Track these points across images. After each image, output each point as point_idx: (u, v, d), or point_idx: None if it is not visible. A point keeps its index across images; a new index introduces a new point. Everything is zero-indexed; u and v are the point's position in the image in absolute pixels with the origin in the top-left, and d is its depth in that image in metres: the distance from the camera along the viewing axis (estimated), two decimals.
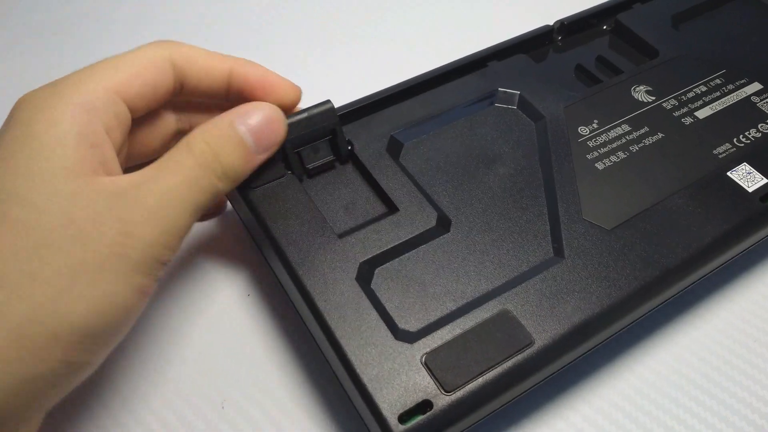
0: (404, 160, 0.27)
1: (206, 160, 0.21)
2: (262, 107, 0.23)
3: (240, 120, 0.22)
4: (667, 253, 0.24)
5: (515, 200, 0.25)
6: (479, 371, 0.20)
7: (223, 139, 0.22)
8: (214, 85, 0.24)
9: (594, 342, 0.22)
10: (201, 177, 0.21)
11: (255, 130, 0.22)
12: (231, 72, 0.24)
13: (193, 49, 0.23)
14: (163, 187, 0.20)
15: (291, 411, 0.24)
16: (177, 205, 0.20)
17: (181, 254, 0.29)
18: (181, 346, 0.26)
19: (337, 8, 0.42)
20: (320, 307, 0.22)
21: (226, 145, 0.22)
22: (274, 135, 0.23)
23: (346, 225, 0.25)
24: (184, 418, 0.24)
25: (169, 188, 0.20)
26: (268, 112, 0.23)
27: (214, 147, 0.21)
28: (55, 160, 0.19)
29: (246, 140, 0.22)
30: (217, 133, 0.22)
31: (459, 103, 0.29)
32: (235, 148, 0.22)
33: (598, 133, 0.28)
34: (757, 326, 0.27)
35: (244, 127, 0.22)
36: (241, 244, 0.29)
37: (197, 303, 0.27)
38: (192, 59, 0.23)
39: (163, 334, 0.26)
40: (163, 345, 0.26)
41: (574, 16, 0.33)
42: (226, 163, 0.22)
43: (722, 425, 0.24)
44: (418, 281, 0.23)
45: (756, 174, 0.26)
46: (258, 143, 0.23)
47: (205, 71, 0.23)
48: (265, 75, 0.24)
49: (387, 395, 0.20)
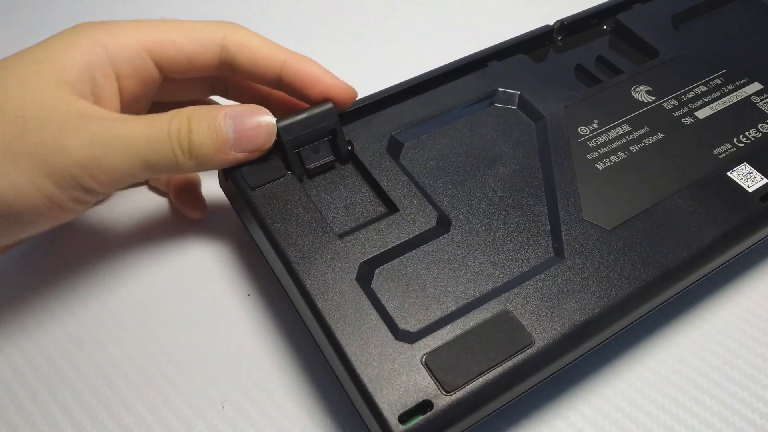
0: (404, 160, 0.27)
1: (179, 130, 0.22)
2: (260, 113, 0.24)
3: (233, 113, 0.23)
4: (667, 253, 0.24)
5: (515, 200, 0.25)
6: (479, 371, 0.20)
7: (205, 121, 0.23)
8: (265, 74, 0.25)
9: (594, 342, 0.22)
10: (163, 141, 0.22)
11: (240, 128, 0.23)
12: (283, 65, 0.25)
13: (250, 37, 0.25)
14: (123, 131, 0.21)
15: (291, 411, 0.24)
16: (125, 152, 0.21)
17: (182, 254, 0.29)
18: (181, 346, 0.26)
19: (336, 9, 0.42)
20: (320, 308, 0.22)
21: (203, 127, 0.22)
22: (258, 141, 0.24)
23: (347, 225, 0.25)
24: (184, 418, 0.24)
25: (129, 135, 0.21)
26: (262, 118, 0.24)
27: (193, 124, 0.22)
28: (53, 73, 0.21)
29: (225, 132, 0.23)
30: (203, 114, 0.23)
31: (459, 103, 0.29)
32: (212, 134, 0.23)
33: (598, 133, 0.28)
34: (757, 326, 0.27)
35: (231, 121, 0.23)
36: (241, 244, 0.29)
37: (197, 303, 0.27)
38: (245, 46, 0.25)
39: (163, 333, 0.26)
40: (164, 345, 0.26)
41: (574, 16, 0.33)
42: (196, 141, 0.22)
43: (722, 425, 0.24)
44: (419, 281, 0.23)
45: (756, 174, 0.26)
46: (238, 141, 0.23)
47: (256, 60, 0.25)
48: (319, 74, 0.25)
49: (387, 395, 0.20)
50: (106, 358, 0.25)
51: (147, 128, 0.22)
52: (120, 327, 0.26)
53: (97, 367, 0.25)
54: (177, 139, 0.22)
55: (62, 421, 0.24)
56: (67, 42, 0.22)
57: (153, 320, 0.26)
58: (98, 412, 0.24)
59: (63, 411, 0.24)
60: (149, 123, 0.22)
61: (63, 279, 0.28)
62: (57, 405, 0.24)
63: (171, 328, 0.26)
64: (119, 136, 0.21)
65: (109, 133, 0.21)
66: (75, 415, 0.24)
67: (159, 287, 0.28)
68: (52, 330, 0.26)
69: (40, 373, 0.25)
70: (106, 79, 0.23)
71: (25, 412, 0.24)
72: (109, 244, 0.29)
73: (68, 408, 0.24)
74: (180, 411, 0.24)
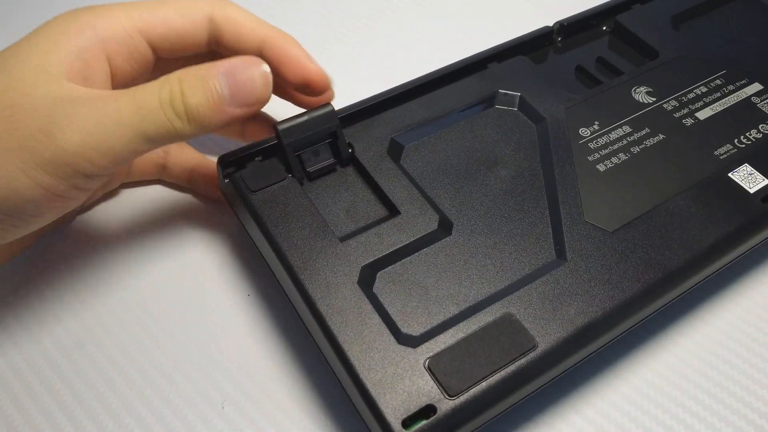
0: (405, 163, 0.27)
1: (171, 95, 0.21)
2: (252, 62, 0.23)
3: (224, 69, 0.22)
4: (669, 255, 0.24)
5: (517, 203, 0.25)
6: (483, 375, 0.20)
7: (196, 80, 0.22)
8: (247, 49, 0.25)
9: (597, 345, 0.22)
10: (156, 110, 0.21)
11: (233, 82, 0.22)
12: (264, 40, 0.25)
13: (237, 11, 0.25)
14: (113, 109, 0.20)
15: (291, 411, 0.24)
16: (119, 130, 0.20)
17: (182, 254, 0.29)
18: (182, 345, 0.26)
19: (336, 9, 0.42)
20: (322, 312, 0.22)
21: (196, 87, 0.22)
22: (255, 92, 0.23)
23: (348, 228, 0.25)
24: (184, 418, 0.24)
25: (120, 111, 0.20)
26: (254, 68, 0.23)
27: (184, 85, 0.21)
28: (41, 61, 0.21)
29: (219, 88, 0.22)
30: (194, 73, 0.22)
31: (459, 105, 0.29)
32: (204, 92, 0.22)
33: (599, 135, 0.28)
34: (758, 326, 0.27)
35: (223, 77, 0.22)
36: (241, 244, 0.29)
37: (197, 303, 0.27)
38: (230, 19, 0.24)
39: (163, 334, 0.26)
40: (164, 345, 0.26)
41: (573, 17, 0.33)
42: (191, 104, 0.21)
43: (722, 425, 0.24)
44: (421, 285, 0.23)
45: (757, 175, 0.26)
46: (234, 96, 0.22)
47: (239, 34, 0.25)
48: (298, 56, 0.25)
49: (390, 400, 0.20)
50: (106, 358, 0.25)
51: (137, 100, 0.21)
52: (120, 327, 0.26)
53: (98, 367, 0.25)
54: (170, 105, 0.21)
55: (62, 421, 0.24)
56: (55, 29, 0.22)
57: (153, 320, 0.26)
58: (98, 412, 0.24)
59: (63, 411, 0.24)
60: (138, 94, 0.21)
61: (63, 279, 0.28)
62: (57, 405, 0.24)
63: (171, 328, 0.26)
64: (110, 114, 0.20)
65: (100, 113, 0.20)
66: (75, 415, 0.24)
67: (159, 287, 0.27)
68: (53, 330, 0.26)
69: (41, 373, 0.25)
70: (97, 62, 0.22)
71: (26, 412, 0.24)
72: (110, 244, 0.29)
73: (68, 408, 0.24)
74: (180, 411, 0.24)
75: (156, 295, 0.27)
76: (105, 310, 0.27)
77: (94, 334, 0.26)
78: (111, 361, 0.25)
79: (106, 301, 0.27)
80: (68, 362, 0.25)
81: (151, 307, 0.27)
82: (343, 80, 0.37)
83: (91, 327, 0.26)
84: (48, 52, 0.21)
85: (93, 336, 0.26)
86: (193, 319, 0.27)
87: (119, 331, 0.26)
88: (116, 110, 0.20)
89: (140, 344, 0.26)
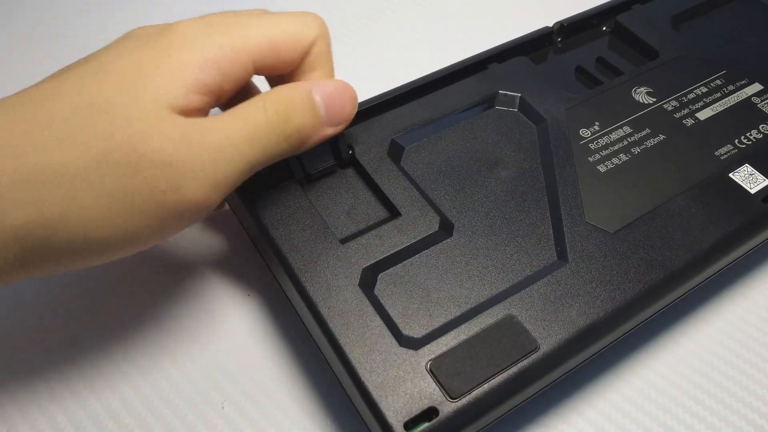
0: (405, 164, 0.27)
1: (277, 120, 0.21)
2: (339, 83, 0.23)
3: (317, 89, 0.22)
4: (670, 255, 0.24)
5: (518, 204, 0.25)
6: (485, 377, 0.20)
7: (298, 102, 0.22)
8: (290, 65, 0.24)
9: (599, 346, 0.22)
10: (266, 136, 0.21)
11: (329, 103, 0.23)
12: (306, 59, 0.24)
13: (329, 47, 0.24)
14: (226, 142, 0.20)
15: (291, 411, 0.24)
16: (234, 165, 0.20)
17: (181, 255, 0.29)
18: (182, 346, 0.26)
19: (336, 11, 0.42)
20: (323, 314, 0.22)
21: (299, 109, 0.22)
22: (346, 111, 0.24)
23: (348, 230, 0.25)
24: (184, 418, 0.24)
25: (232, 145, 0.20)
26: (344, 87, 0.23)
27: (288, 109, 0.22)
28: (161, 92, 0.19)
29: (319, 109, 0.22)
30: (295, 95, 0.22)
31: (460, 106, 0.29)
32: (307, 112, 0.22)
33: (600, 135, 0.28)
34: (758, 326, 0.27)
35: (319, 97, 0.22)
36: (241, 245, 0.29)
37: (197, 303, 0.27)
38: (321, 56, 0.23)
39: (163, 334, 0.26)
40: (164, 345, 0.26)
41: (573, 18, 0.33)
42: (296, 125, 0.22)
43: (722, 425, 0.24)
44: (422, 287, 0.23)
45: (758, 175, 0.26)
46: (330, 116, 0.23)
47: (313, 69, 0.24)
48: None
49: (392, 402, 0.20)
50: (105, 357, 0.25)
51: (247, 127, 0.21)
52: (120, 327, 0.26)
53: (98, 366, 0.25)
54: (280, 128, 0.21)
55: (62, 420, 0.24)
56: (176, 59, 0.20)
57: (153, 320, 0.26)
58: (98, 413, 0.24)
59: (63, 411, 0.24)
60: (246, 121, 0.21)
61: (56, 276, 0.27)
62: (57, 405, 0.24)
63: (171, 328, 0.26)
64: (224, 150, 0.20)
65: (216, 152, 0.20)
66: (75, 415, 0.24)
67: (159, 287, 0.27)
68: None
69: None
70: (211, 91, 0.21)
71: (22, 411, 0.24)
72: None
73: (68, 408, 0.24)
74: (180, 411, 0.24)
75: (156, 295, 0.27)
76: (105, 310, 0.27)
77: (95, 334, 0.26)
78: (110, 361, 0.25)
79: (106, 301, 0.27)
80: (67, 361, 0.25)
81: (151, 307, 0.27)
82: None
83: (91, 327, 0.26)
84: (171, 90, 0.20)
85: (93, 336, 0.26)
86: (193, 318, 0.27)
87: (119, 330, 0.26)
88: (230, 145, 0.20)
89: (140, 344, 0.26)
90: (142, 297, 0.27)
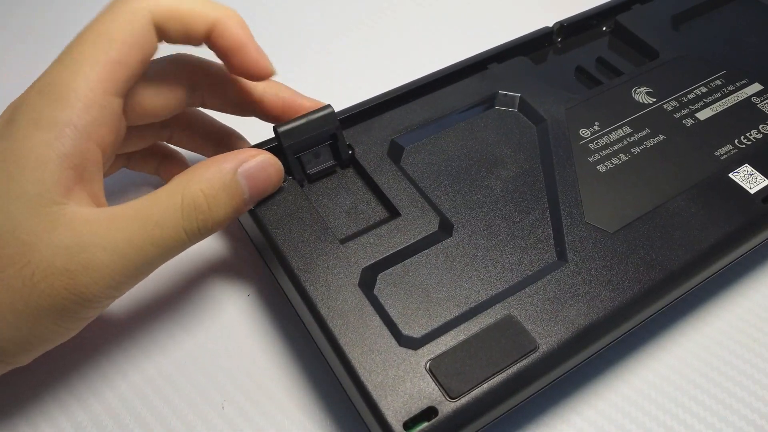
0: (405, 164, 0.27)
1: (196, 214, 0.20)
2: (263, 157, 0.22)
3: (245, 173, 0.22)
4: (670, 255, 0.24)
5: (517, 204, 0.25)
6: (484, 377, 0.20)
7: (223, 191, 0.21)
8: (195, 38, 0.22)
9: (598, 346, 0.22)
10: (178, 235, 0.20)
11: (254, 184, 0.22)
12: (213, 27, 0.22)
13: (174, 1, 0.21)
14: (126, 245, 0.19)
15: (291, 411, 0.24)
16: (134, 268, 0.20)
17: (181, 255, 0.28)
18: (181, 346, 0.26)
19: (335, 11, 0.42)
20: (323, 314, 0.22)
21: (223, 198, 0.21)
22: (269, 188, 0.23)
23: (348, 230, 0.25)
24: (184, 418, 0.24)
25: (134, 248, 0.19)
26: (271, 167, 0.23)
27: (211, 200, 0.21)
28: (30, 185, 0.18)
29: (243, 194, 0.22)
30: (217, 182, 0.21)
31: (459, 106, 0.29)
32: (232, 200, 0.21)
33: (600, 136, 0.28)
34: (758, 326, 0.27)
35: (245, 180, 0.22)
36: (240, 245, 0.29)
37: (197, 303, 0.27)
38: (173, 14, 0.21)
39: (162, 334, 0.26)
40: (163, 345, 0.26)
41: (573, 18, 0.33)
42: (217, 216, 0.21)
43: (722, 425, 0.24)
44: (421, 286, 0.23)
45: (758, 175, 0.26)
46: (253, 197, 0.22)
47: (186, 25, 0.21)
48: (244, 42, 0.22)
49: (391, 402, 0.20)
50: (105, 357, 0.25)
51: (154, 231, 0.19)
52: (120, 327, 0.26)
53: (97, 367, 0.25)
54: (196, 225, 0.20)
55: (61, 420, 0.24)
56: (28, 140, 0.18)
57: (152, 320, 0.26)
58: (98, 412, 0.24)
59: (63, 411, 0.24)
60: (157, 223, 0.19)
61: None
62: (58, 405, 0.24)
63: (171, 328, 0.26)
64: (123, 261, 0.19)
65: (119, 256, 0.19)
66: (75, 415, 0.24)
67: (158, 288, 0.27)
68: None
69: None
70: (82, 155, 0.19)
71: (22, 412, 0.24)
72: None
73: (68, 407, 0.24)
74: (180, 411, 0.24)
75: (156, 295, 0.27)
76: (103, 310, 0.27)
77: (94, 334, 0.26)
78: (110, 360, 0.25)
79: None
80: (65, 362, 0.25)
81: (151, 307, 0.27)
82: (344, 81, 0.37)
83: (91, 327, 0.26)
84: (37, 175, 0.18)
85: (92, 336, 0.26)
86: (192, 319, 0.27)
87: (119, 330, 0.26)
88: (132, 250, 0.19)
89: (140, 344, 0.26)
90: (141, 297, 0.27)
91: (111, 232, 0.19)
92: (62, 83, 0.19)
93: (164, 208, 0.20)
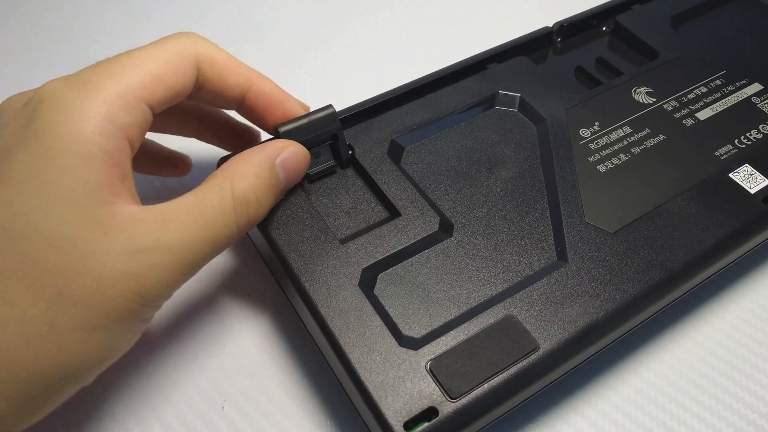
0: (405, 164, 0.27)
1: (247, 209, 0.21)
2: (294, 147, 0.23)
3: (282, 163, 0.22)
4: (670, 255, 0.24)
5: (518, 204, 0.25)
6: (485, 377, 0.20)
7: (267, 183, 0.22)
8: (231, 94, 0.23)
9: (599, 346, 0.22)
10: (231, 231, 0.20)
11: (288, 174, 0.23)
12: (251, 84, 0.23)
13: (217, 51, 0.22)
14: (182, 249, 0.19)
15: (291, 411, 0.24)
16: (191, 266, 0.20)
17: None
18: (181, 346, 0.26)
19: (335, 11, 0.42)
20: (323, 314, 0.22)
21: (267, 190, 0.22)
22: (300, 175, 0.24)
23: (348, 230, 0.25)
24: (184, 418, 0.24)
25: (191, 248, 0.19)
26: (300, 151, 0.23)
27: (259, 194, 0.21)
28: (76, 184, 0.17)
29: (281, 182, 0.23)
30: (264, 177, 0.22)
31: (459, 106, 0.29)
32: (273, 191, 0.22)
33: (600, 136, 0.28)
34: (757, 326, 0.27)
35: (282, 170, 0.22)
36: (240, 245, 0.29)
37: (196, 303, 0.27)
38: (215, 62, 0.22)
39: (162, 334, 0.26)
40: (163, 345, 0.26)
41: (573, 18, 0.33)
42: (264, 209, 0.22)
43: (722, 425, 0.24)
44: (422, 287, 0.23)
45: (758, 175, 0.26)
46: (288, 183, 0.23)
47: (226, 78, 0.22)
48: (277, 92, 0.24)
49: (392, 402, 0.20)
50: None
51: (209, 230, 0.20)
52: None
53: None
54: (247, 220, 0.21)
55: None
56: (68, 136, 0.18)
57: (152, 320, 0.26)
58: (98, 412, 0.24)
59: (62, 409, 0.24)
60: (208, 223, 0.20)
61: None
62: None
63: (171, 328, 0.26)
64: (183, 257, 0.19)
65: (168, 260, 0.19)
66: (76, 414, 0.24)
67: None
68: None
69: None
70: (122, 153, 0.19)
71: None
72: None
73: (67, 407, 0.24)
74: (180, 411, 0.24)
75: None
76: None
77: None
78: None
79: None
80: None
81: None
82: (344, 81, 0.37)
83: None
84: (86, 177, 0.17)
85: None
86: (192, 319, 0.27)
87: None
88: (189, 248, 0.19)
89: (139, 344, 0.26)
90: None
91: (167, 233, 0.19)
92: (100, 83, 0.19)
93: (216, 206, 0.20)
